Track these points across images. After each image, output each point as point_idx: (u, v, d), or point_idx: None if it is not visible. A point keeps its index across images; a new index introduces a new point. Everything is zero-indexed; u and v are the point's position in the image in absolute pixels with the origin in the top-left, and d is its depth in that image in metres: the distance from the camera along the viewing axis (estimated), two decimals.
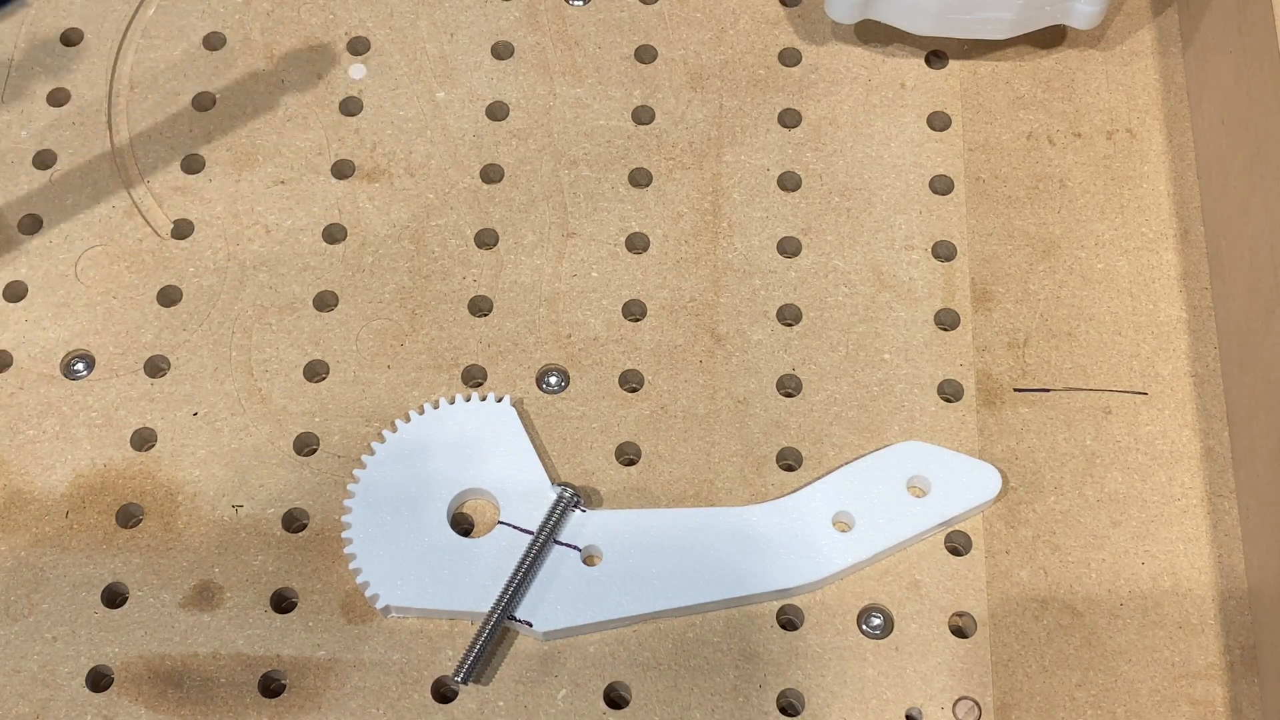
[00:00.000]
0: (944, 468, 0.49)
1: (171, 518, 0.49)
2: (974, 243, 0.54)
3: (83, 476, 0.50)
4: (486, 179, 0.56)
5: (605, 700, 0.47)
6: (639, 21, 0.59)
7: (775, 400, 0.51)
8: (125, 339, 0.53)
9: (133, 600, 0.48)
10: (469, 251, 0.54)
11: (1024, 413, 0.51)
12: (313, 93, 0.57)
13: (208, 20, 0.59)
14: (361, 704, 0.47)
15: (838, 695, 0.47)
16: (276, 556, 0.49)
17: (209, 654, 0.47)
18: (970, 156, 0.56)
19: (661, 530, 0.48)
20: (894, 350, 0.52)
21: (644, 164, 0.56)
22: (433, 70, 0.58)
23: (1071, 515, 0.49)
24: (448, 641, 0.47)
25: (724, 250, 0.54)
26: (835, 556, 0.48)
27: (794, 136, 0.56)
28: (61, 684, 0.47)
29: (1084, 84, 0.57)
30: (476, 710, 0.47)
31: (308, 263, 0.54)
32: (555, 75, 0.58)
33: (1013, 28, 0.55)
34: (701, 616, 0.48)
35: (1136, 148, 0.56)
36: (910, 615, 0.48)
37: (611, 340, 0.53)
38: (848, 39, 0.59)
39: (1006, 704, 0.47)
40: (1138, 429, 0.51)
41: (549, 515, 0.48)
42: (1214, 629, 0.48)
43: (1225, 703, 0.47)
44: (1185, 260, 0.54)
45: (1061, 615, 0.48)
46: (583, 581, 0.47)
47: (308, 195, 0.55)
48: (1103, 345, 0.52)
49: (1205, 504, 0.50)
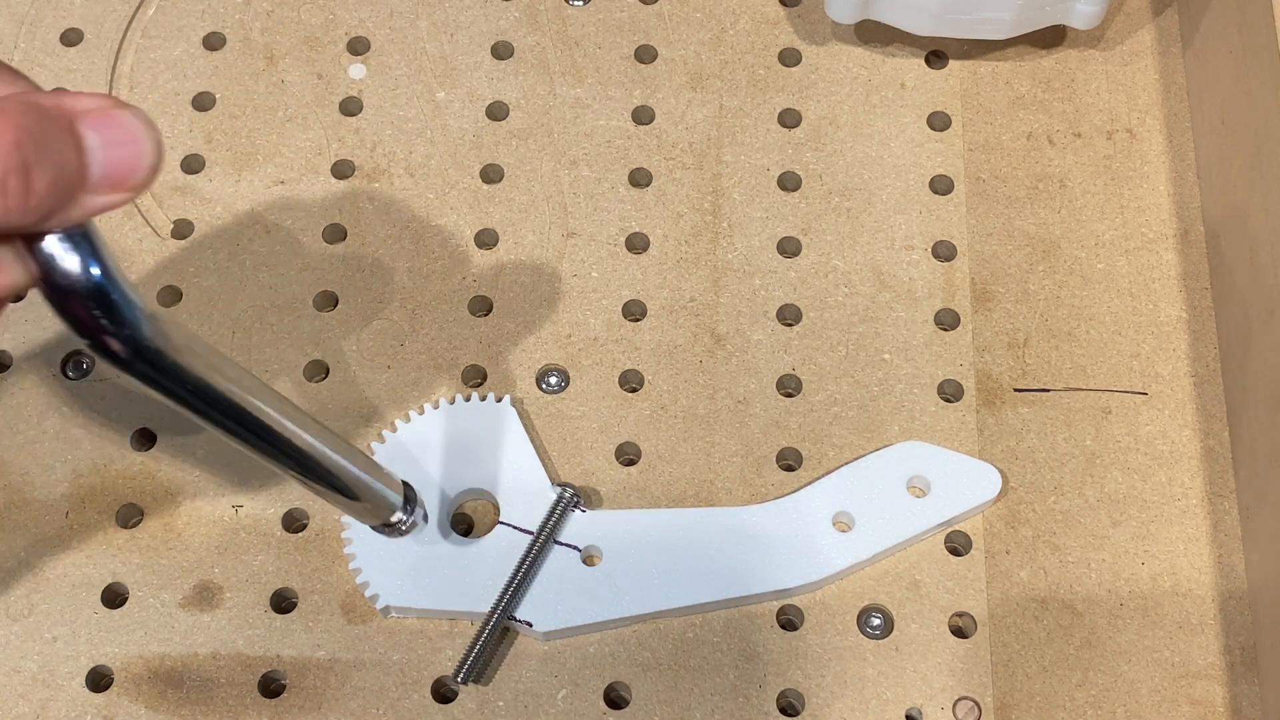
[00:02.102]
0: (944, 468, 0.49)
1: (171, 518, 0.49)
2: (974, 243, 0.54)
3: (83, 476, 0.50)
4: (486, 179, 0.56)
5: (605, 700, 0.47)
6: (639, 21, 0.59)
7: (775, 400, 0.51)
8: None
9: (133, 600, 0.48)
10: (469, 251, 0.54)
11: (1024, 413, 0.51)
12: (313, 93, 0.57)
13: (208, 20, 0.59)
14: (361, 704, 0.47)
15: (838, 695, 0.47)
16: (276, 556, 0.49)
17: (209, 654, 0.47)
18: (970, 156, 0.56)
19: (661, 530, 0.48)
20: (894, 350, 0.52)
21: (644, 164, 0.56)
22: (433, 70, 0.58)
23: (1071, 515, 0.49)
24: (448, 641, 0.47)
25: (724, 250, 0.54)
26: (835, 556, 0.48)
27: (794, 136, 0.56)
28: (61, 684, 0.47)
29: (1084, 84, 0.57)
30: (476, 710, 0.47)
31: (307, 263, 0.54)
32: (555, 75, 0.58)
33: (1013, 28, 0.55)
34: (701, 616, 0.48)
35: (1136, 148, 0.56)
36: (910, 615, 0.48)
37: (611, 340, 0.53)
38: (848, 39, 0.59)
39: (1006, 704, 0.47)
40: (1138, 429, 0.51)
41: (549, 515, 0.48)
42: (1214, 629, 0.48)
43: (1225, 703, 0.47)
44: (1185, 260, 0.54)
45: (1061, 615, 0.48)
46: (583, 581, 0.47)
47: (308, 195, 0.55)
48: (1103, 345, 0.52)
49: (1205, 504, 0.50)
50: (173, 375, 0.35)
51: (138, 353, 0.34)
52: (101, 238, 0.33)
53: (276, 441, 0.39)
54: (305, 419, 0.40)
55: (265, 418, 0.38)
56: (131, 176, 0.32)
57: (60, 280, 0.32)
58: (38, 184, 0.30)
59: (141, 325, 0.33)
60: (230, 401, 0.37)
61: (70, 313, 0.32)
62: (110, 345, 0.33)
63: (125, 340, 0.33)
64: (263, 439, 0.38)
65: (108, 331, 0.33)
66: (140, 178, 0.32)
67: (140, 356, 0.34)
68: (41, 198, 0.30)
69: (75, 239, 0.32)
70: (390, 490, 0.44)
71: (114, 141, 0.31)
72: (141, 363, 0.34)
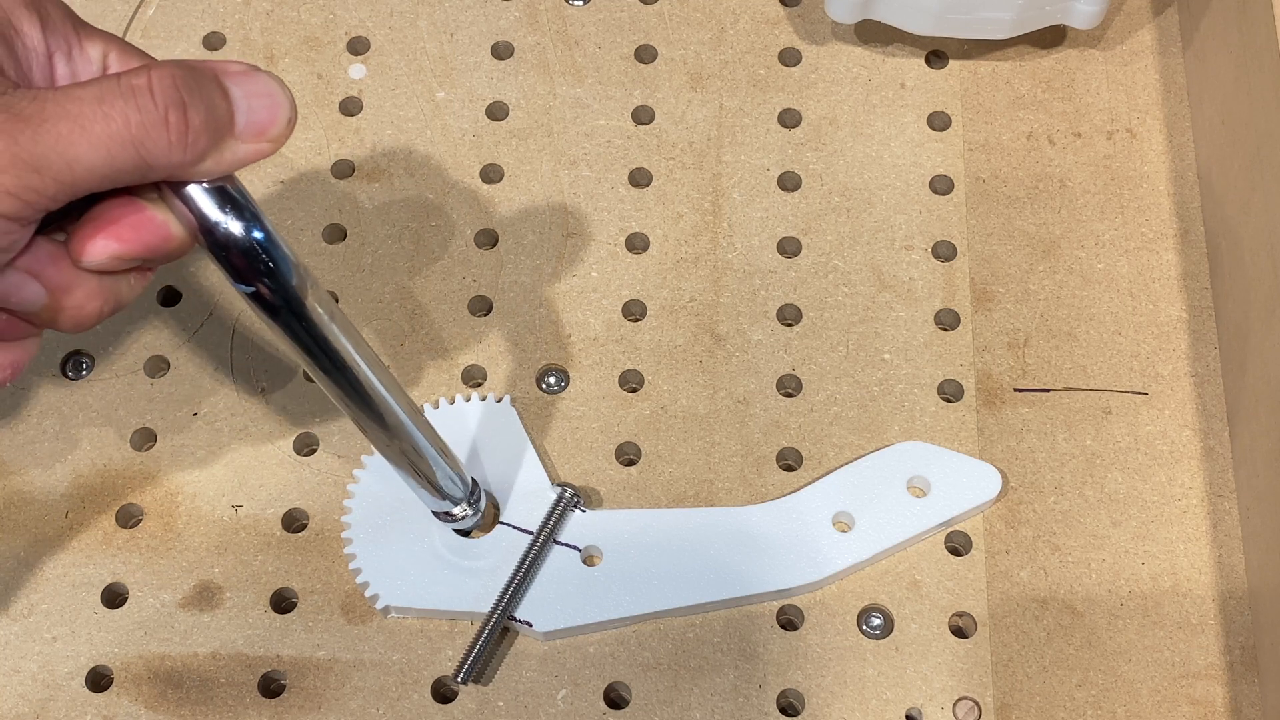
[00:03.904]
0: (944, 468, 0.49)
1: (171, 518, 0.49)
2: (974, 243, 0.54)
3: (83, 476, 0.50)
4: (486, 179, 0.56)
5: (605, 700, 0.47)
6: (639, 21, 0.59)
7: (775, 400, 0.51)
8: (125, 339, 0.53)
9: (132, 600, 0.48)
10: (469, 251, 0.54)
11: (1024, 413, 0.51)
12: (313, 93, 0.57)
13: (208, 20, 0.59)
14: (361, 704, 0.47)
15: (838, 695, 0.47)
16: (276, 556, 0.49)
17: (209, 654, 0.47)
18: (970, 156, 0.56)
19: (661, 530, 0.48)
20: (894, 350, 0.52)
21: (644, 164, 0.56)
22: (433, 70, 0.58)
23: (1071, 515, 0.49)
24: (448, 641, 0.47)
25: (724, 250, 0.54)
26: (835, 556, 0.48)
27: (794, 136, 0.56)
28: (61, 684, 0.47)
29: (1084, 84, 0.57)
30: (476, 710, 0.47)
31: (307, 263, 0.54)
32: (555, 75, 0.58)
33: (1013, 28, 0.55)
34: (701, 616, 0.48)
35: (1136, 148, 0.56)
36: (910, 615, 0.48)
37: (611, 340, 0.53)
38: (848, 39, 0.59)
39: (1006, 704, 0.47)
40: (1138, 429, 0.51)
41: (549, 515, 0.48)
42: (1214, 629, 0.48)
43: (1225, 703, 0.47)
44: (1185, 260, 0.54)
45: (1061, 615, 0.48)
46: (583, 581, 0.47)
47: (308, 195, 0.55)
48: (1103, 345, 0.52)
49: (1205, 504, 0.50)
50: (311, 328, 0.37)
51: (287, 302, 0.36)
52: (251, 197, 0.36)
53: (378, 408, 0.41)
54: (403, 394, 0.42)
55: (374, 384, 0.40)
56: (272, 126, 0.35)
57: (221, 232, 0.35)
58: (194, 120, 0.34)
59: (292, 277, 0.36)
60: (350, 362, 0.39)
61: (231, 263, 0.35)
62: (265, 294, 0.36)
63: (278, 290, 0.36)
64: (366, 404, 0.41)
65: (264, 281, 0.36)
66: (279, 129, 0.35)
67: (289, 306, 0.36)
68: (197, 134, 0.34)
69: (233, 193, 0.35)
70: (458, 480, 0.46)
71: (254, 93, 0.35)
72: (288, 312, 0.37)
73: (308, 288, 0.37)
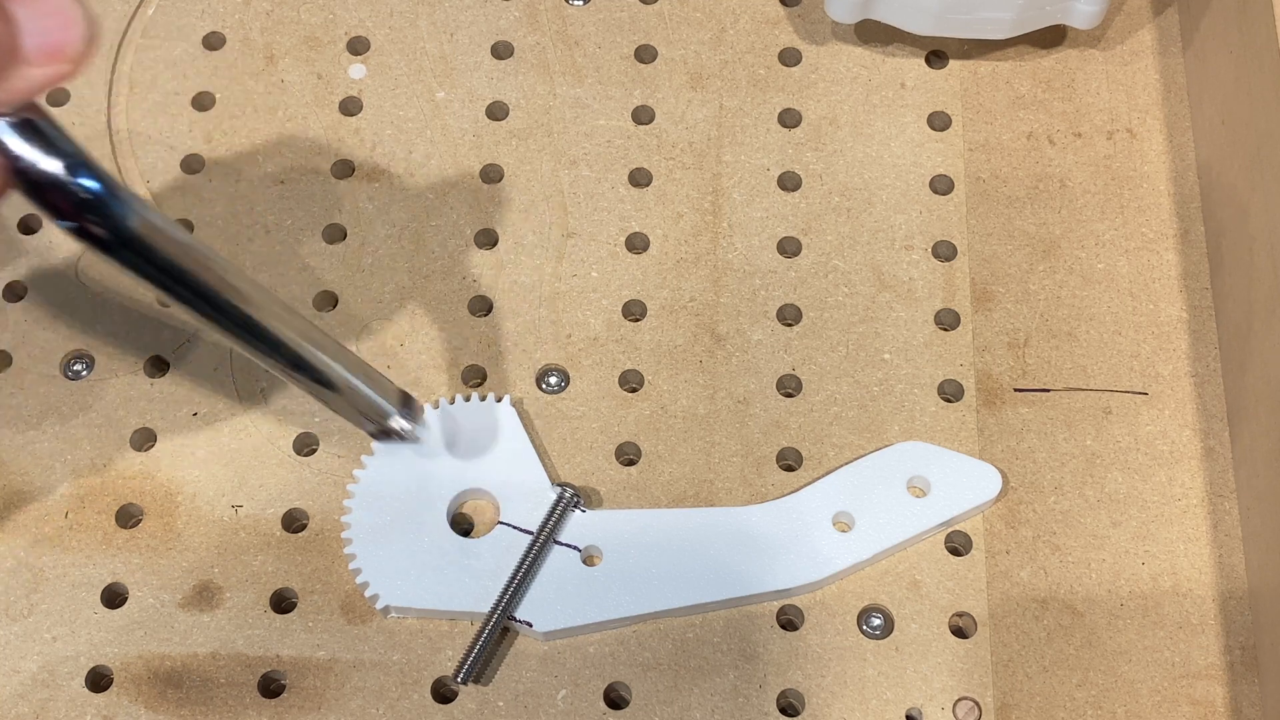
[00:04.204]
0: (944, 468, 0.49)
1: (171, 518, 0.49)
2: (974, 243, 0.54)
3: (82, 476, 0.50)
4: (486, 179, 0.56)
5: (605, 700, 0.47)
6: (639, 21, 0.59)
7: (775, 400, 0.51)
8: (125, 339, 0.53)
9: (132, 600, 0.48)
10: (469, 251, 0.54)
11: (1024, 413, 0.51)
12: (313, 93, 0.57)
13: (208, 20, 0.59)
14: (361, 704, 0.47)
15: (838, 695, 0.47)
16: (276, 556, 0.49)
17: (209, 654, 0.47)
18: (970, 156, 0.56)
19: (661, 530, 0.48)
20: (894, 350, 0.52)
21: (644, 164, 0.56)
22: (433, 70, 0.58)
23: (1071, 515, 0.49)
24: (448, 641, 0.47)
25: (724, 250, 0.54)
26: (835, 556, 0.48)
27: (794, 136, 0.56)
28: (61, 684, 0.47)
29: (1084, 84, 0.57)
30: (476, 710, 0.47)
31: (307, 263, 0.54)
32: (555, 75, 0.58)
33: (1013, 28, 0.55)
34: (701, 616, 0.48)
35: (1136, 148, 0.56)
36: (910, 615, 0.48)
37: (611, 340, 0.53)
38: (848, 39, 0.59)
39: (1006, 704, 0.47)
40: (1138, 429, 0.51)
41: (549, 515, 0.48)
42: (1214, 629, 0.48)
43: (1225, 703, 0.47)
44: (1185, 260, 0.54)
45: (1061, 615, 0.48)
46: (583, 581, 0.47)
47: (308, 195, 0.55)
48: (1103, 345, 0.52)
49: (1205, 504, 0.50)
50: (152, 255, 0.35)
51: (116, 233, 0.34)
52: (63, 128, 0.33)
53: (260, 332, 0.39)
54: (292, 313, 0.40)
55: (246, 303, 0.38)
56: (65, 47, 0.32)
57: (29, 168, 0.32)
58: None
59: (115, 205, 0.34)
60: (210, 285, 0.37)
61: (46, 199, 0.33)
62: (91, 229, 0.34)
63: (103, 222, 0.34)
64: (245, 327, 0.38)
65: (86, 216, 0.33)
66: (74, 49, 0.33)
67: (118, 237, 0.34)
68: None
69: (39, 124, 0.33)
70: (385, 394, 0.44)
71: (41, 14, 0.32)
72: (119, 245, 0.34)
73: (137, 214, 0.34)
